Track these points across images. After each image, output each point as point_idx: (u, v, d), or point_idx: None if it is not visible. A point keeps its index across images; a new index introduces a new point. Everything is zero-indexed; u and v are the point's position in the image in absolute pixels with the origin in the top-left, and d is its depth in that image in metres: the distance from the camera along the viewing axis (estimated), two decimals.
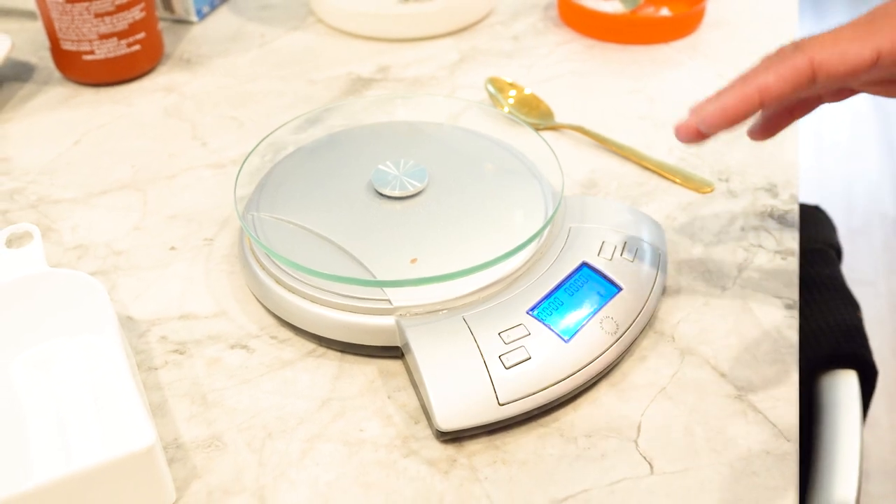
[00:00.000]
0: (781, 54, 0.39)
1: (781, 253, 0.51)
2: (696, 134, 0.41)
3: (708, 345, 0.45)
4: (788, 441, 0.41)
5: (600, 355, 0.42)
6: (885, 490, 1.28)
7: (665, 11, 0.75)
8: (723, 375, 0.44)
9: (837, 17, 2.39)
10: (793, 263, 0.50)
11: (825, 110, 0.46)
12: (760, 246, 0.51)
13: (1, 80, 0.68)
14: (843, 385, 0.55)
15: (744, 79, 0.40)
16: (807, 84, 0.39)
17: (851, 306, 0.63)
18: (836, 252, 0.70)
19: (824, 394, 0.55)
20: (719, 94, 0.40)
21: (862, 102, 2.06)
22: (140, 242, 0.52)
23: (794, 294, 0.48)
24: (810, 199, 0.76)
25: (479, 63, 0.70)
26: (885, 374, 1.42)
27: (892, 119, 2.02)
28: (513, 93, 0.64)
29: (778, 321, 0.47)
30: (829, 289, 0.63)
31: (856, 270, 1.63)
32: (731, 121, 0.40)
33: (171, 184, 0.57)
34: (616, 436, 0.41)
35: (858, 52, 0.38)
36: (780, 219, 0.53)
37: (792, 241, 0.52)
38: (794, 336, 0.46)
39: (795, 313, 0.47)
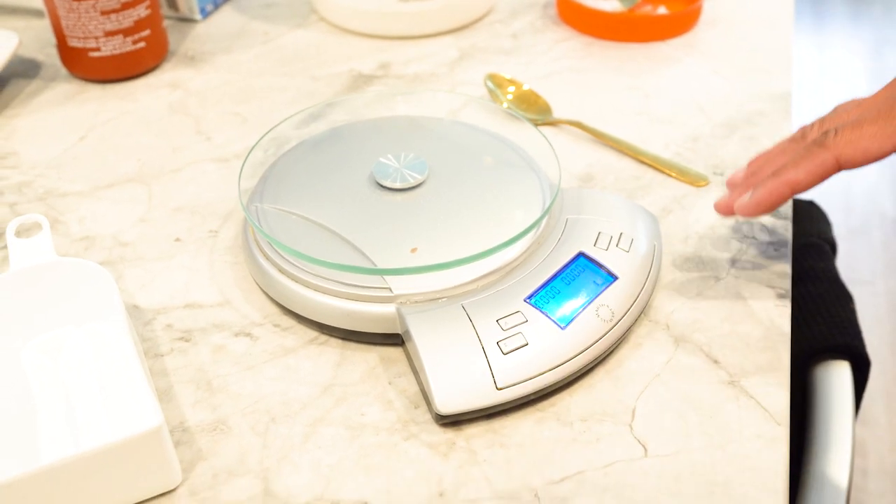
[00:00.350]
0: (807, 149, 0.44)
1: (774, 244, 0.52)
2: (731, 212, 0.47)
3: (702, 333, 0.46)
4: (779, 425, 0.42)
5: (596, 342, 0.43)
6: (884, 488, 1.29)
7: (662, 10, 0.76)
8: (716, 362, 0.45)
9: (837, 17, 2.40)
10: (785, 254, 0.51)
11: (823, 114, 0.49)
12: (754, 238, 0.52)
13: (8, 77, 0.69)
14: (836, 375, 0.56)
15: (776, 174, 0.44)
16: (830, 175, 0.43)
17: (844, 298, 0.64)
18: (830, 246, 0.71)
19: (817, 383, 0.56)
20: (755, 187, 0.45)
21: None
22: (146, 234, 0.53)
23: (786, 284, 0.49)
24: (808, 198, 0.78)
25: (478, 60, 0.71)
26: (883, 372, 1.43)
27: None
28: (511, 89, 0.65)
29: (770, 310, 0.48)
30: (822, 281, 0.64)
31: (854, 270, 1.64)
32: (764, 211, 0.45)
33: (176, 177, 0.58)
34: (611, 420, 0.42)
35: (880, 147, 0.42)
36: (773, 211, 0.54)
37: (785, 232, 0.53)
38: (786, 324, 0.47)
39: (788, 302, 0.48)
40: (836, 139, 0.43)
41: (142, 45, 0.67)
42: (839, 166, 0.43)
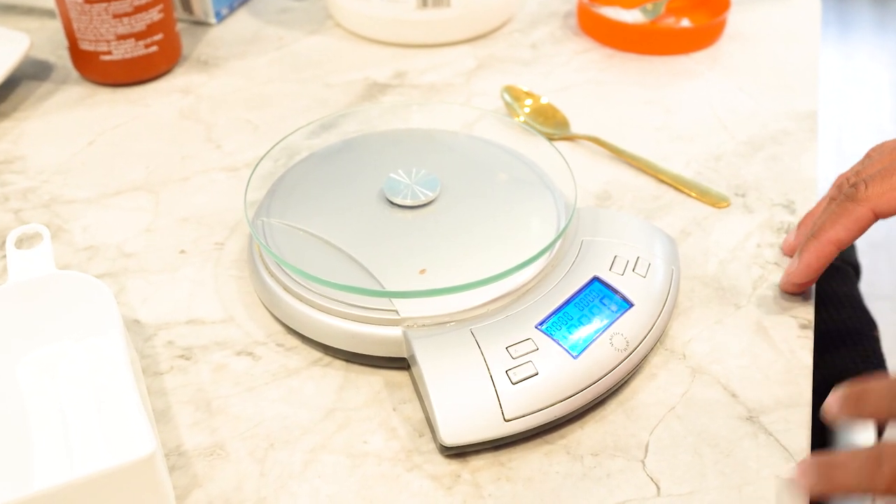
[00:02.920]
0: (842, 205, 0.45)
1: None
2: (794, 288, 0.48)
3: (720, 364, 0.45)
4: None
5: (609, 372, 0.42)
6: None
7: (686, 22, 0.74)
8: (734, 396, 0.43)
9: (862, 27, 2.36)
10: None
11: (846, 124, 0.47)
12: (776, 263, 0.51)
13: (19, 79, 0.68)
14: None
15: (816, 235, 0.45)
16: (870, 226, 0.44)
17: (868, 325, 0.62)
18: (853, 269, 0.69)
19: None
20: (800, 253, 0.46)
21: (883, 116, 2.04)
22: (150, 245, 0.52)
23: (809, 314, 0.47)
24: None
25: (496, 70, 0.69)
26: None
27: None
28: (529, 102, 0.64)
29: (792, 341, 0.46)
30: (845, 307, 0.62)
31: (875, 285, 1.61)
32: (815, 273, 0.46)
33: (184, 186, 0.57)
34: (623, 455, 0.40)
35: None
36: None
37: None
38: (808, 357, 0.45)
39: (810, 333, 0.46)
40: (867, 192, 0.44)
41: (154, 49, 0.66)
42: (876, 217, 0.44)
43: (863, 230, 0.44)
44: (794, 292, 0.48)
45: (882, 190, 0.44)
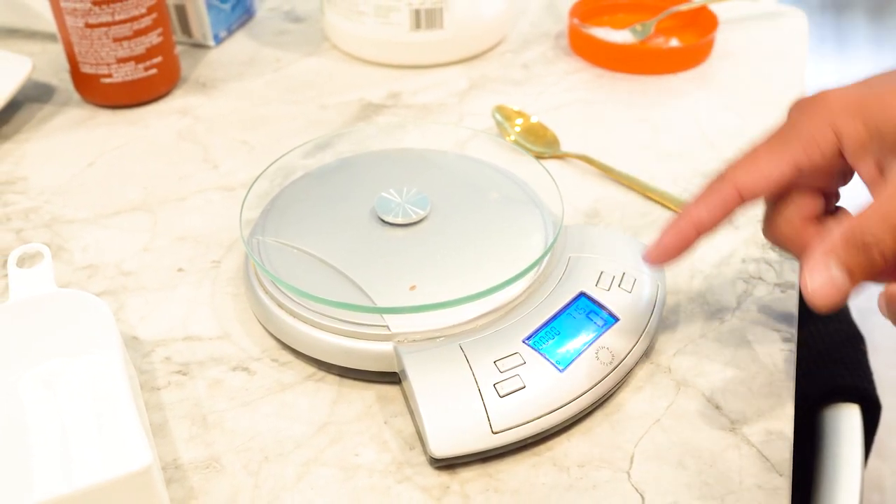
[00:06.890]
0: (710, 186, 0.42)
1: (781, 286, 0.51)
2: (651, 260, 0.44)
3: (704, 377, 0.46)
4: (780, 476, 0.41)
5: (595, 385, 0.43)
6: None
7: (674, 42, 0.75)
8: (717, 408, 0.44)
9: (859, 42, 2.38)
10: (793, 297, 0.50)
11: None
12: (760, 278, 0.52)
13: (22, 101, 0.70)
14: (845, 419, 0.55)
15: (681, 215, 0.42)
16: (737, 207, 0.41)
17: (855, 339, 0.63)
18: None
19: (826, 427, 0.55)
20: (662, 231, 0.43)
21: None
22: (148, 264, 0.54)
23: (792, 328, 0.48)
24: None
25: (488, 90, 0.71)
26: None
27: None
28: (519, 121, 0.65)
29: (775, 355, 0.47)
30: (832, 320, 0.63)
31: (872, 297, 1.62)
32: (672, 255, 0.42)
33: (182, 206, 0.58)
34: (608, 466, 0.41)
35: (776, 167, 0.40)
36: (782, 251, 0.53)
37: (792, 273, 0.52)
38: (790, 370, 0.46)
39: (793, 347, 0.47)
40: (733, 169, 0.41)
41: (153, 71, 0.68)
42: (740, 197, 0.41)
43: (726, 211, 0.41)
44: (652, 263, 0.43)
45: (747, 164, 0.41)
